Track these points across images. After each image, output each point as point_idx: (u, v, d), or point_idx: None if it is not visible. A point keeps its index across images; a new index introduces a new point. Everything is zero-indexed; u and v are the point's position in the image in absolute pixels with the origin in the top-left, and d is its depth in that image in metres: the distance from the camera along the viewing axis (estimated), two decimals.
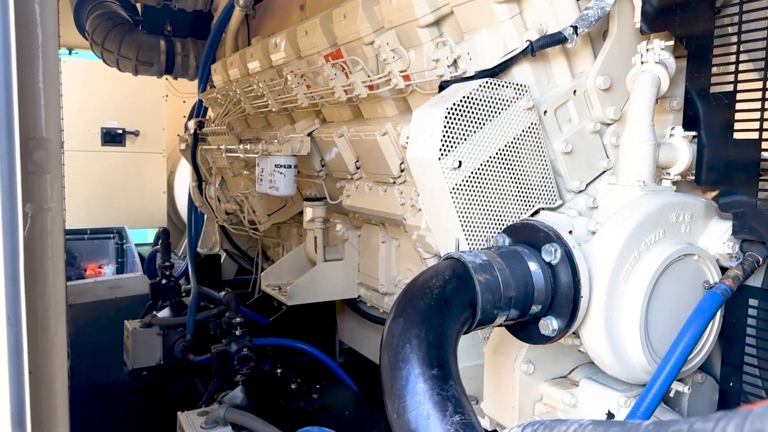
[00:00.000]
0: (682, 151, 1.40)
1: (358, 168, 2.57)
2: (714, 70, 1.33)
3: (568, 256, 1.19)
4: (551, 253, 1.19)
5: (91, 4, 4.17)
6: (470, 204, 1.44)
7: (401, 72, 1.93)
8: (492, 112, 1.45)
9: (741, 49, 1.28)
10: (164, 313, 3.64)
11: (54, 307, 0.86)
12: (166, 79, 4.83)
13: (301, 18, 3.20)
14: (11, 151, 0.84)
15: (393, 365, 0.96)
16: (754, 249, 1.28)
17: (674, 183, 1.42)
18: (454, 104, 1.40)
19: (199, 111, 3.92)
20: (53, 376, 0.82)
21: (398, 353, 0.96)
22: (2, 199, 0.81)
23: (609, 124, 1.60)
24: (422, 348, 0.95)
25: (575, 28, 1.46)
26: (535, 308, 1.21)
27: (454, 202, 1.43)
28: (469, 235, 1.46)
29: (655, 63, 1.39)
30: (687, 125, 1.40)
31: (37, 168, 0.94)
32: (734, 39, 1.29)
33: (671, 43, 1.41)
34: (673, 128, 1.44)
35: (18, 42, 0.89)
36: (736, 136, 1.29)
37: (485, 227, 1.48)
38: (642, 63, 1.41)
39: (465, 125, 1.42)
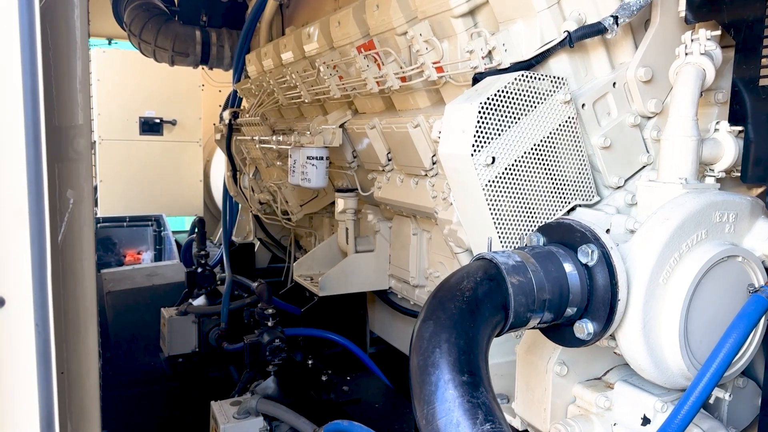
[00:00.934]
0: (727, 146, 1.34)
1: (389, 160, 2.55)
2: (764, 61, 1.26)
3: (606, 258, 1.15)
4: (588, 255, 1.15)
5: None
6: (504, 201, 1.41)
7: (434, 63, 1.89)
8: (528, 106, 1.41)
9: None
10: (200, 302, 3.71)
11: (86, 307, 0.87)
12: (202, 69, 4.87)
13: (334, 8, 3.18)
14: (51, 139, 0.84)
15: (422, 370, 0.94)
16: None
17: (718, 180, 1.36)
18: (488, 98, 1.37)
19: (233, 101, 3.95)
20: (85, 375, 0.83)
21: (428, 357, 0.95)
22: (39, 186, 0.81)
23: (650, 118, 1.54)
24: (452, 353, 0.94)
25: (616, 18, 1.41)
26: (570, 311, 1.18)
27: (486, 198, 1.40)
28: (503, 232, 1.43)
29: (700, 54, 1.32)
30: (733, 119, 1.33)
31: (77, 155, 0.94)
32: None
33: (718, 32, 1.34)
34: (718, 122, 1.38)
35: (52, 37, 0.90)
36: None
37: (519, 225, 1.44)
38: (686, 54, 1.34)
39: (499, 120, 1.38)
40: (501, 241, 1.43)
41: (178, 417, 3.44)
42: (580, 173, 1.48)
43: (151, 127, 6.00)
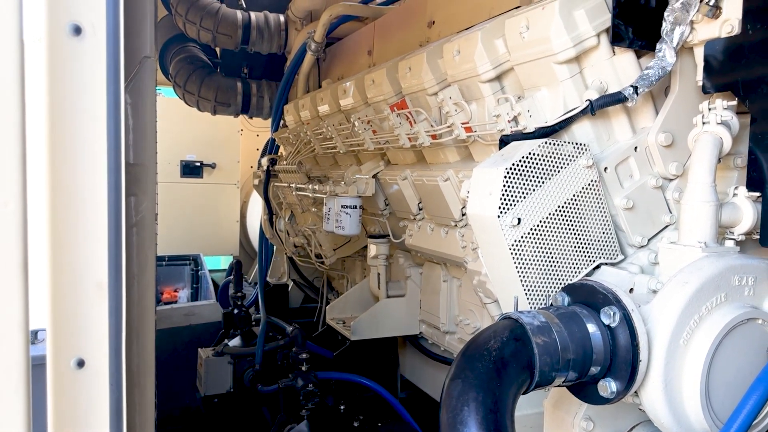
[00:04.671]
0: (746, 211, 1.39)
1: (420, 209, 2.64)
2: None
3: (627, 320, 1.21)
4: (610, 316, 1.21)
5: (174, 48, 4.49)
6: (529, 259, 1.48)
7: (463, 123, 2.00)
8: (551, 170, 1.49)
9: None
10: (235, 342, 3.81)
11: (146, 362, 0.97)
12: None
13: (368, 62, 3.34)
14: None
15: (451, 426, 1.01)
16: None
17: (739, 242, 1.41)
18: (513, 164, 1.45)
19: (272, 148, 4.12)
20: (146, 425, 0.93)
21: (456, 415, 1.02)
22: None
23: (671, 180, 1.60)
24: (480, 411, 1.00)
25: (635, 87, 1.49)
26: (594, 370, 1.23)
27: (513, 257, 1.47)
28: (529, 290, 1.49)
29: (717, 124, 1.39)
30: (751, 186, 1.39)
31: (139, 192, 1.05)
32: None
33: (734, 102, 1.41)
34: (736, 187, 1.43)
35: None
36: None
37: (545, 282, 1.51)
38: (704, 123, 1.42)
39: (524, 183, 1.46)
40: (527, 298, 1.50)
41: None
42: (604, 233, 1.54)
43: (191, 170, 6.25)
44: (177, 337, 4.16)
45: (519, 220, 1.46)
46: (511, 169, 1.45)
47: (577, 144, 1.51)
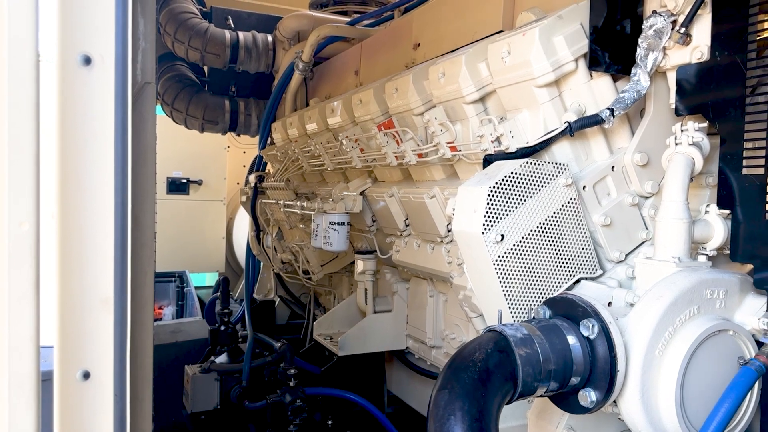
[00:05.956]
0: (717, 228, 1.47)
1: (407, 225, 2.70)
2: (745, 153, 1.40)
3: (605, 332, 1.27)
4: (589, 329, 1.27)
5: (163, 66, 4.53)
6: (512, 274, 1.54)
7: (448, 143, 2.06)
8: (533, 188, 1.55)
9: None
10: (222, 359, 3.81)
11: (145, 377, 1.00)
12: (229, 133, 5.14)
13: (355, 82, 3.41)
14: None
15: None
16: None
17: (711, 257, 1.48)
18: (496, 183, 1.52)
19: (259, 165, 4.16)
20: None
21: (443, 424, 1.06)
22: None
23: (647, 197, 1.68)
24: (465, 420, 1.05)
25: (612, 110, 1.56)
26: (575, 380, 1.29)
27: (497, 272, 1.53)
28: (512, 303, 1.55)
29: (689, 145, 1.47)
30: (721, 204, 1.46)
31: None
32: (765, 125, 1.36)
33: (705, 124, 1.49)
34: (708, 205, 1.51)
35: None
36: None
37: (528, 296, 1.57)
38: (676, 144, 1.49)
39: (507, 201, 1.53)
40: (511, 311, 1.55)
41: None
42: (583, 249, 1.61)
43: (177, 186, 6.26)
44: (163, 354, 4.15)
45: (502, 236, 1.52)
46: (494, 187, 1.51)
47: (556, 164, 1.57)
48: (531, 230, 1.55)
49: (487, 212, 1.50)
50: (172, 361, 4.12)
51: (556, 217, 1.57)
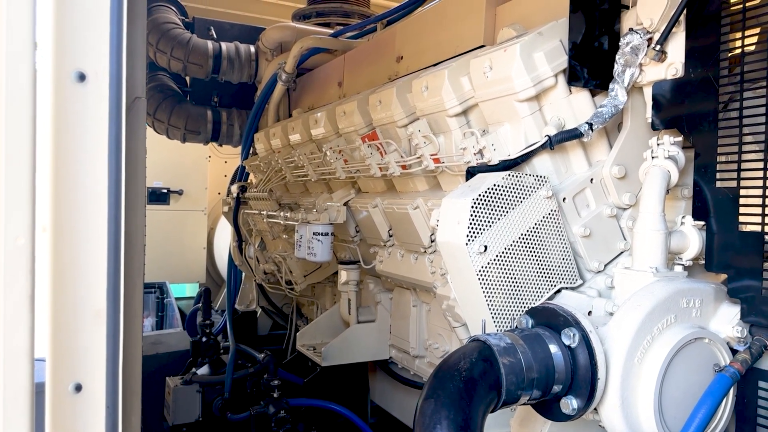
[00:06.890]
0: (692, 238, 1.51)
1: (390, 236, 2.72)
2: (719, 166, 1.45)
3: (586, 340, 1.30)
4: (570, 337, 1.31)
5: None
6: (495, 284, 1.57)
7: (432, 155, 2.10)
8: (514, 200, 1.59)
9: (743, 149, 1.40)
10: (203, 371, 3.79)
11: (134, 390, 1.01)
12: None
13: (338, 93, 3.44)
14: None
15: None
16: (761, 333, 1.37)
17: (688, 267, 1.53)
18: (479, 195, 1.55)
19: (241, 175, 4.16)
20: None
21: None
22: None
23: (625, 209, 1.72)
24: (451, 429, 1.07)
25: (590, 124, 1.61)
26: (557, 388, 1.32)
27: (480, 282, 1.56)
28: (495, 313, 1.58)
29: (665, 158, 1.52)
30: (696, 215, 1.51)
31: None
32: (737, 140, 1.42)
33: (680, 138, 1.55)
34: (683, 216, 1.56)
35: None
36: (742, 228, 1.39)
37: (510, 306, 1.60)
38: (653, 157, 1.54)
39: (490, 213, 1.56)
40: (494, 320, 1.58)
41: None
42: (563, 259, 1.64)
43: (158, 197, 6.21)
44: (144, 365, 4.10)
45: (485, 247, 1.55)
46: (477, 199, 1.54)
47: (537, 176, 1.61)
48: (513, 241, 1.58)
49: (470, 224, 1.53)
50: (152, 373, 4.07)
51: (537, 228, 1.60)
